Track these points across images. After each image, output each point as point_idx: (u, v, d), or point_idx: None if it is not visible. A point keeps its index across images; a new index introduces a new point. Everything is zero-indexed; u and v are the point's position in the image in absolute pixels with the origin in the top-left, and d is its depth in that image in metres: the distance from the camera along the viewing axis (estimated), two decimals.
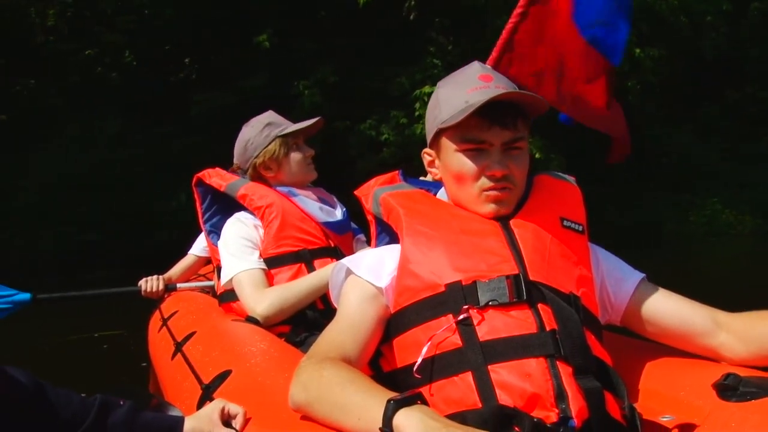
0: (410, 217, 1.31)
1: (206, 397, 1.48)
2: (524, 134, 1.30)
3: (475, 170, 1.28)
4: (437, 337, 1.16)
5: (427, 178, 2.31)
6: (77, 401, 1.19)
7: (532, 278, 1.21)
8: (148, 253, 3.14)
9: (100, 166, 10.48)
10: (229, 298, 2.22)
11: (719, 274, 7.84)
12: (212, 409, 1.24)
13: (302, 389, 1.10)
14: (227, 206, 2.34)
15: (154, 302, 3.06)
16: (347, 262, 1.32)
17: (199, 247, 3.22)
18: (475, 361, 1.12)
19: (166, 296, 3.03)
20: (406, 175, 1.51)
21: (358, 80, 11.04)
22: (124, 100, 11.21)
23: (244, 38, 10.93)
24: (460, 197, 1.32)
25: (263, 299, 2.03)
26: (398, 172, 1.51)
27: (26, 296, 3.05)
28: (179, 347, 2.01)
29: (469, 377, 1.12)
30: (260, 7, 11.05)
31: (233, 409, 1.23)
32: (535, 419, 1.07)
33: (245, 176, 2.34)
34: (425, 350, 1.16)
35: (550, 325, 1.16)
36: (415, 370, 1.15)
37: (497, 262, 1.22)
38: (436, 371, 1.15)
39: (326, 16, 11.47)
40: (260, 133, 2.27)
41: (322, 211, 2.27)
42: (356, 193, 1.50)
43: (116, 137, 10.86)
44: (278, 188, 2.27)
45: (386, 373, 1.26)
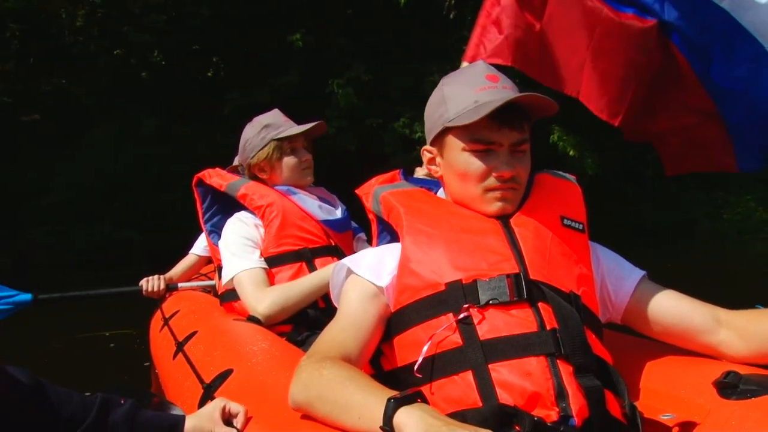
0: (410, 215, 1.32)
1: (207, 396, 1.49)
2: (528, 136, 1.32)
3: (482, 170, 1.29)
4: (438, 335, 1.17)
5: (417, 174, 2.33)
6: (78, 400, 1.20)
7: (532, 277, 1.22)
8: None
9: (133, 164, 10.56)
10: (230, 297, 2.23)
11: (751, 271, 7.74)
12: (213, 408, 1.25)
13: (302, 388, 1.12)
14: (228, 206, 2.36)
15: (155, 302, 3.08)
16: (348, 261, 1.34)
17: (200, 246, 3.24)
18: (475, 359, 1.14)
19: (167, 296, 3.05)
20: (406, 174, 1.52)
21: (391, 78, 11.04)
22: (156, 99, 11.27)
23: (277, 37, 10.94)
24: (463, 196, 1.33)
25: (264, 298, 2.04)
26: (399, 171, 1.52)
27: (27, 297, 3.07)
28: (180, 347, 2.03)
29: (469, 376, 1.13)
30: (294, 5, 11.05)
31: (234, 408, 1.24)
32: (535, 418, 1.08)
33: (245, 175, 2.36)
34: (426, 349, 1.17)
35: (550, 323, 1.17)
36: (415, 369, 1.17)
37: (498, 260, 1.23)
38: (436, 370, 1.16)
39: (360, 14, 11.42)
40: (258, 134, 2.28)
41: (321, 209, 2.28)
42: (357, 191, 1.52)
43: (150, 136, 10.92)
44: (277, 187, 2.28)
45: (387, 371, 1.28)
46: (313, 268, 2.16)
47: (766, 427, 1.07)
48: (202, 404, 1.47)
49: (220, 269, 2.36)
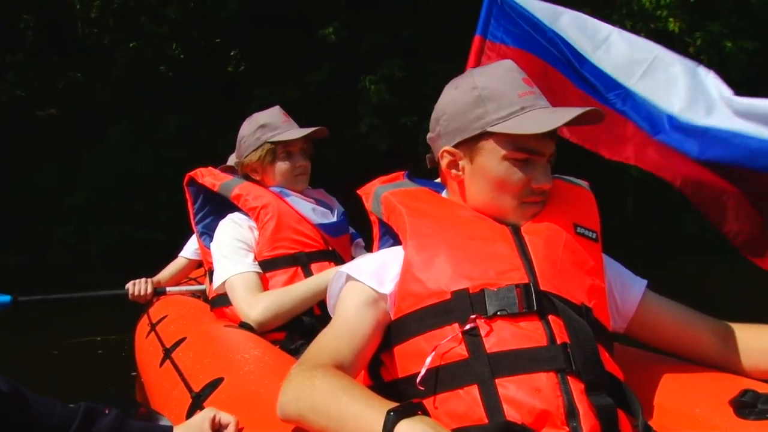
0: (414, 218, 1.30)
1: (196, 405, 1.48)
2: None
3: (522, 180, 1.28)
4: (442, 347, 1.16)
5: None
6: (60, 410, 1.18)
7: (542, 288, 1.20)
8: None
9: (154, 162, 10.54)
10: (221, 302, 2.22)
11: None
12: (203, 418, 1.24)
13: (293, 399, 1.10)
14: (220, 207, 2.35)
15: (141, 306, 3.06)
16: (347, 269, 1.32)
17: (189, 249, 3.23)
18: (481, 373, 1.12)
19: (154, 300, 3.03)
20: (412, 175, 1.50)
21: (425, 75, 10.93)
22: (177, 95, 11.26)
23: (308, 31, 10.92)
24: (493, 205, 1.30)
25: (257, 304, 2.03)
26: (403, 172, 1.50)
27: (6, 298, 3.05)
28: (168, 354, 2.01)
29: (474, 390, 1.12)
30: None
31: (225, 418, 1.23)
32: None
33: (239, 176, 2.35)
34: (429, 360, 1.15)
35: (561, 337, 1.16)
36: (418, 381, 1.15)
37: (507, 269, 1.22)
38: (440, 383, 1.15)
39: (395, 7, 11.35)
40: (253, 133, 2.27)
41: (314, 212, 2.27)
42: (358, 191, 1.50)
43: (171, 133, 10.92)
44: (271, 188, 2.27)
45: (387, 382, 1.26)
46: (309, 272, 2.15)
47: None
48: (190, 414, 1.46)
49: (210, 273, 2.35)
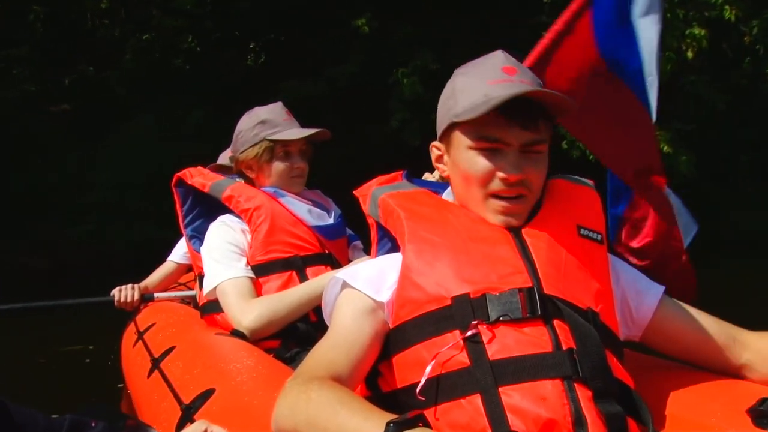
0: (412, 221, 1.30)
1: (187, 418, 1.48)
2: (545, 137, 1.29)
3: (487, 171, 1.27)
4: (442, 355, 1.15)
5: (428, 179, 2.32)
6: (43, 423, 1.18)
7: (546, 292, 1.20)
8: None
9: (174, 158, 10.51)
10: (212, 309, 2.21)
11: None
12: (193, 431, 1.23)
13: (288, 412, 1.10)
14: (211, 209, 2.34)
15: (128, 314, 3.05)
16: (343, 275, 1.31)
17: (178, 253, 3.22)
18: (484, 382, 1.12)
19: (142, 307, 3.03)
20: (410, 175, 1.50)
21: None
22: (198, 88, 11.24)
23: (337, 22, 10.86)
24: (467, 199, 1.32)
25: (250, 311, 2.02)
26: (402, 172, 1.50)
27: None
28: (156, 363, 2.01)
29: (477, 400, 1.11)
30: None
31: (216, 431, 1.22)
32: None
33: (232, 176, 2.34)
34: (429, 369, 1.15)
35: (567, 343, 1.16)
36: (418, 391, 1.15)
37: (509, 273, 1.21)
38: (441, 393, 1.14)
39: None
40: (251, 129, 2.26)
41: (311, 213, 2.26)
42: (355, 192, 1.50)
43: (191, 129, 10.88)
44: (264, 189, 2.26)
45: (385, 393, 1.26)
46: (304, 277, 2.14)
47: None
48: (180, 427, 1.46)
49: (201, 278, 2.35)
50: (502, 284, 1.20)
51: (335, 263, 2.21)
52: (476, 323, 1.16)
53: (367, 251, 2.10)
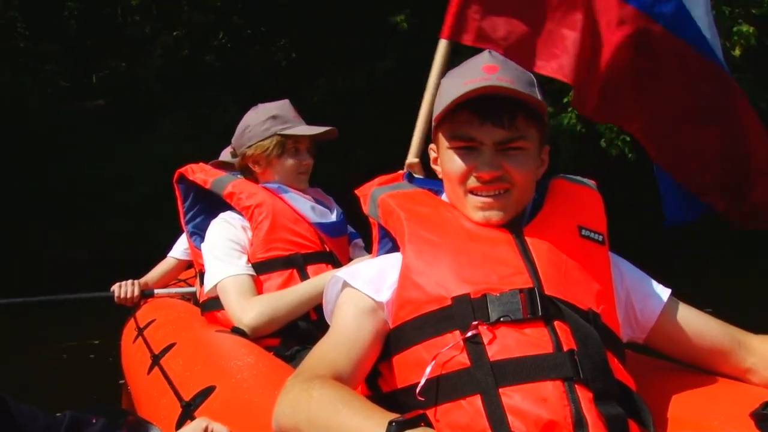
0: (412, 221, 1.31)
1: (187, 415, 1.49)
2: (526, 133, 1.29)
3: (463, 170, 1.28)
4: (442, 355, 1.16)
5: None
6: (43, 420, 1.19)
7: (547, 293, 1.21)
8: None
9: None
10: (212, 306, 2.22)
11: None
12: (193, 428, 1.24)
13: (289, 411, 1.11)
14: (212, 205, 2.35)
15: (128, 310, 3.06)
16: (343, 274, 1.33)
17: (179, 249, 3.23)
18: (484, 383, 1.13)
19: (142, 303, 3.03)
20: (412, 176, 1.51)
21: None
22: (233, 84, 11.25)
23: (375, 18, 10.88)
24: (452, 198, 1.34)
25: (251, 308, 2.03)
26: (403, 172, 1.51)
27: None
28: (156, 360, 2.02)
29: (477, 401, 1.12)
30: None
31: (217, 428, 1.23)
32: None
33: (234, 172, 2.35)
34: (429, 370, 1.16)
35: (567, 344, 1.16)
36: (417, 391, 1.16)
37: (509, 274, 1.22)
38: (441, 393, 1.15)
39: None
40: (261, 123, 2.27)
41: (314, 211, 2.27)
42: (356, 192, 1.51)
43: (227, 124, 10.95)
44: (267, 185, 2.27)
45: (385, 393, 1.27)
46: (305, 275, 2.15)
47: None
48: (180, 425, 1.47)
49: (201, 275, 2.36)
50: (502, 285, 1.20)
51: (336, 261, 2.22)
52: (476, 324, 1.16)
53: (368, 249, 2.11)
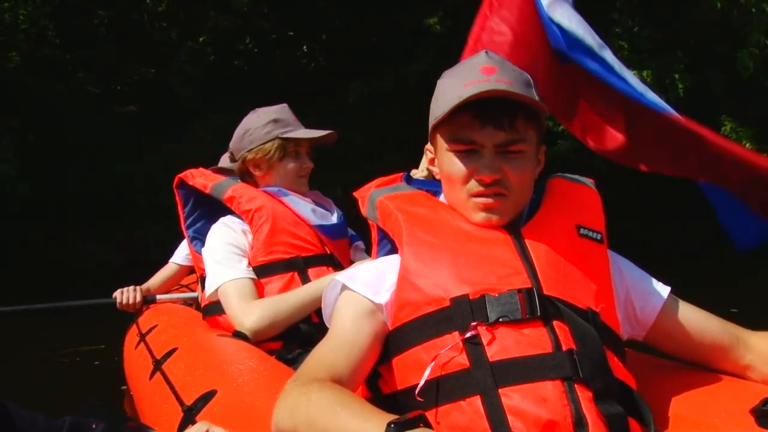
0: (410, 223, 1.32)
1: (188, 419, 1.49)
2: (525, 136, 1.29)
3: (464, 173, 1.28)
4: (442, 356, 1.17)
5: (415, 176, 2.35)
6: (43, 424, 1.19)
7: (546, 292, 1.21)
8: None
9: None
10: (214, 310, 2.23)
11: None
12: None
13: (288, 414, 1.11)
14: (212, 210, 2.36)
15: (130, 316, 3.07)
16: (342, 277, 1.33)
17: (180, 255, 3.23)
18: (484, 383, 1.13)
19: (144, 309, 3.04)
20: (410, 177, 1.51)
21: None
22: (262, 88, 11.29)
23: (408, 21, 10.86)
24: (452, 201, 1.34)
25: (252, 312, 2.04)
26: (401, 174, 1.51)
27: None
28: (158, 365, 2.03)
29: (477, 402, 1.13)
30: None
31: None
32: None
33: (234, 177, 2.36)
34: (428, 371, 1.16)
35: (567, 344, 1.17)
36: (417, 392, 1.16)
37: (508, 274, 1.23)
38: (441, 394, 1.16)
39: None
40: (262, 126, 2.28)
41: (315, 213, 2.28)
42: (355, 194, 1.51)
43: None
44: (267, 188, 2.28)
45: (385, 395, 1.27)
46: (306, 278, 2.16)
47: None
48: (182, 429, 1.47)
49: (202, 280, 2.36)
50: (501, 285, 1.21)
51: (337, 264, 2.22)
52: (475, 324, 1.17)
53: (368, 252, 2.12)
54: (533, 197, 1.39)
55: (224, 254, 2.17)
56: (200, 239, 2.38)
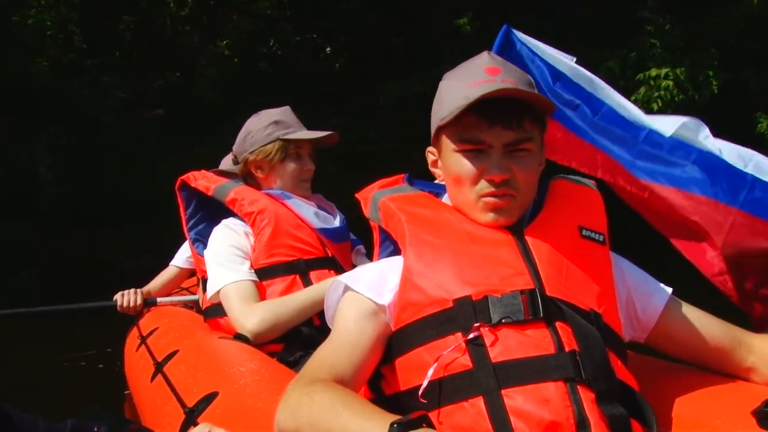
0: (413, 224, 1.32)
1: (190, 421, 1.49)
2: (532, 134, 1.30)
3: (473, 173, 1.28)
4: (445, 357, 1.17)
5: None
6: (44, 428, 1.19)
7: (548, 293, 1.21)
8: None
9: None
10: (215, 313, 2.23)
11: None
12: None
13: (290, 415, 1.11)
14: (214, 212, 2.36)
15: (131, 318, 3.07)
16: (345, 279, 1.33)
17: (182, 257, 3.24)
18: (487, 384, 1.13)
19: (144, 312, 3.04)
20: (412, 178, 1.51)
21: None
22: (288, 90, 11.32)
23: (437, 21, 10.84)
24: (459, 202, 1.33)
25: (253, 314, 2.03)
26: (403, 175, 1.52)
27: None
28: (160, 367, 2.03)
29: (480, 403, 1.12)
30: None
31: None
32: None
33: (236, 180, 2.36)
34: (431, 372, 1.16)
35: (569, 345, 1.17)
36: (420, 393, 1.16)
37: (510, 275, 1.23)
38: (443, 395, 1.16)
39: None
40: (264, 128, 2.28)
41: (317, 216, 2.28)
42: (357, 195, 1.51)
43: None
44: (270, 191, 2.28)
45: (388, 396, 1.27)
46: (307, 281, 2.16)
47: None
48: (183, 431, 1.47)
49: (204, 282, 2.36)
50: (503, 286, 1.21)
51: (339, 267, 2.22)
52: (478, 326, 1.17)
53: (369, 255, 2.12)
54: (536, 198, 1.39)
55: (226, 256, 2.17)
56: (202, 241, 2.38)
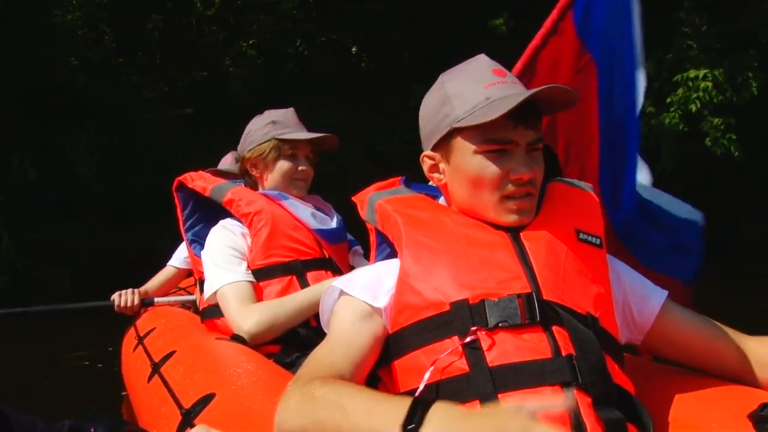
0: (410, 226, 1.32)
1: (187, 423, 1.49)
2: (542, 134, 1.32)
3: (498, 174, 1.28)
4: (441, 361, 1.16)
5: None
6: (42, 429, 1.18)
7: (545, 297, 1.21)
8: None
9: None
10: (212, 314, 2.22)
11: None
12: None
13: (293, 415, 1.10)
14: (211, 213, 2.36)
15: (128, 318, 3.07)
16: (340, 283, 1.32)
17: (179, 258, 3.24)
18: (483, 388, 1.13)
19: (142, 312, 3.04)
20: (409, 181, 1.51)
21: None
22: (312, 90, 11.32)
23: (472, 22, 10.84)
24: (475, 204, 1.32)
25: (250, 315, 2.03)
26: (400, 178, 1.51)
27: None
28: (156, 368, 2.02)
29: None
30: None
31: None
32: None
33: (234, 180, 2.36)
34: (428, 375, 1.16)
35: (566, 349, 1.16)
36: (416, 397, 1.16)
37: (508, 278, 1.22)
38: (440, 399, 1.15)
39: None
40: (262, 128, 2.30)
41: (314, 217, 2.28)
42: (354, 198, 1.51)
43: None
44: (267, 192, 2.28)
45: None
46: (304, 282, 2.15)
47: None
48: None
49: (201, 283, 2.36)
50: (500, 290, 1.20)
51: (336, 268, 2.22)
52: (475, 329, 1.16)
53: (367, 256, 2.12)
54: None
55: (223, 257, 2.17)
56: (199, 242, 2.38)
